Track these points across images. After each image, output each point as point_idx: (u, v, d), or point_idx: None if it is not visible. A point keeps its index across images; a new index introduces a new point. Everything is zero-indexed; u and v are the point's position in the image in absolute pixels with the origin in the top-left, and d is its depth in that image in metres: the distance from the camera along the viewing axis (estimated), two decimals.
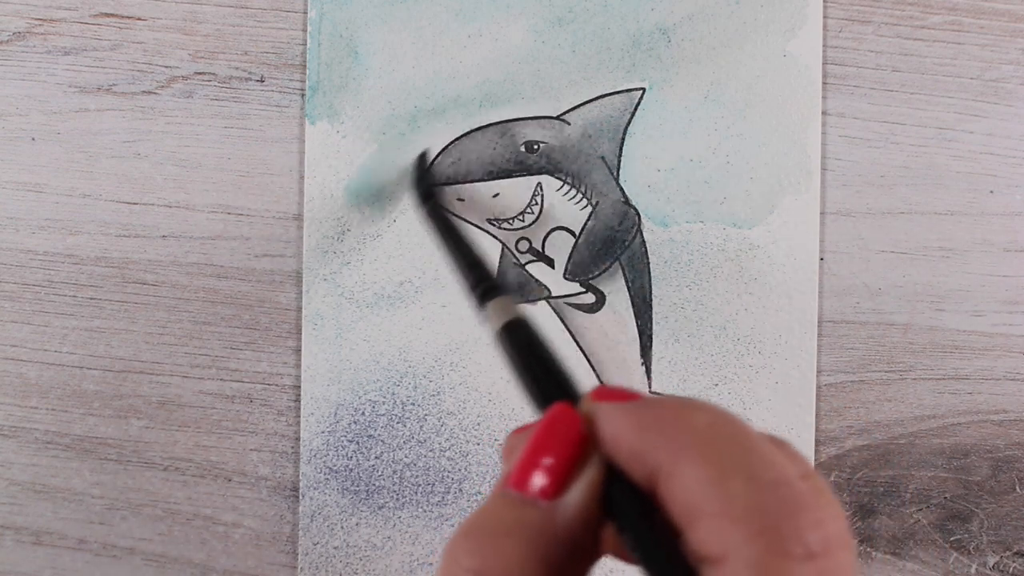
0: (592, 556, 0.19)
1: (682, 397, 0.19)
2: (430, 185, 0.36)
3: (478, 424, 0.37)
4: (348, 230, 0.37)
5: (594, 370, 0.37)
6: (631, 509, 0.18)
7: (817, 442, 0.37)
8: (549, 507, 0.18)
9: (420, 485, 0.37)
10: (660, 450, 0.18)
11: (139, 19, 0.37)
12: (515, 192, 0.37)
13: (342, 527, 0.37)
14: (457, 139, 0.37)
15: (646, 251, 0.37)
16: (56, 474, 0.38)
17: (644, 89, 0.37)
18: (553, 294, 0.37)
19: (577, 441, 0.19)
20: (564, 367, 0.22)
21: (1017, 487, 0.37)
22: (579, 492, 0.18)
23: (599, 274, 0.37)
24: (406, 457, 0.37)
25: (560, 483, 0.18)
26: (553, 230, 0.37)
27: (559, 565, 0.18)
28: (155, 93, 0.37)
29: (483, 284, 0.29)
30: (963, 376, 0.37)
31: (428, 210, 0.35)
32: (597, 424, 0.19)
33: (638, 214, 0.37)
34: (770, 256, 0.37)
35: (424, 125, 0.37)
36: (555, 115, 0.37)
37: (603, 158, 0.37)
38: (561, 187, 0.37)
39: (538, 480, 0.19)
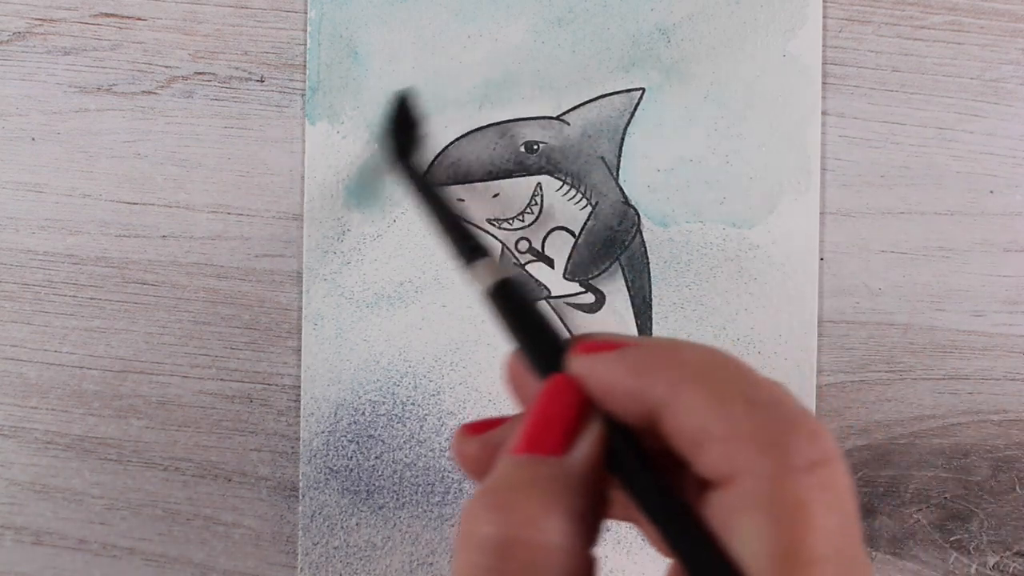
0: (601, 516, 0.19)
1: (667, 338, 0.20)
2: (410, 138, 0.35)
3: None
4: (348, 230, 0.37)
5: None
6: (631, 455, 0.19)
7: None
8: (560, 460, 0.19)
9: (420, 485, 0.37)
10: (657, 387, 0.18)
11: (139, 19, 0.37)
12: (515, 192, 0.37)
13: (342, 527, 0.37)
14: (457, 139, 0.37)
15: (646, 251, 0.37)
16: (56, 474, 0.38)
17: (644, 89, 0.37)
18: (553, 294, 0.37)
19: (576, 400, 0.20)
20: (553, 325, 0.23)
21: (1017, 487, 0.37)
22: (586, 443, 0.19)
23: (599, 274, 0.37)
24: (406, 457, 0.37)
25: (567, 439, 0.19)
26: (553, 230, 0.37)
27: (579, 517, 0.18)
28: (155, 93, 0.37)
29: (467, 244, 0.28)
30: (963, 376, 0.37)
31: (405, 169, 0.34)
32: (590, 378, 0.20)
33: (638, 214, 0.37)
34: (770, 256, 0.37)
35: (424, 125, 0.37)
36: (555, 115, 0.37)
37: (603, 158, 0.37)
38: (561, 187, 0.37)
39: (545, 439, 0.19)
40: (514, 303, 0.24)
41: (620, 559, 0.37)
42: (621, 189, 0.37)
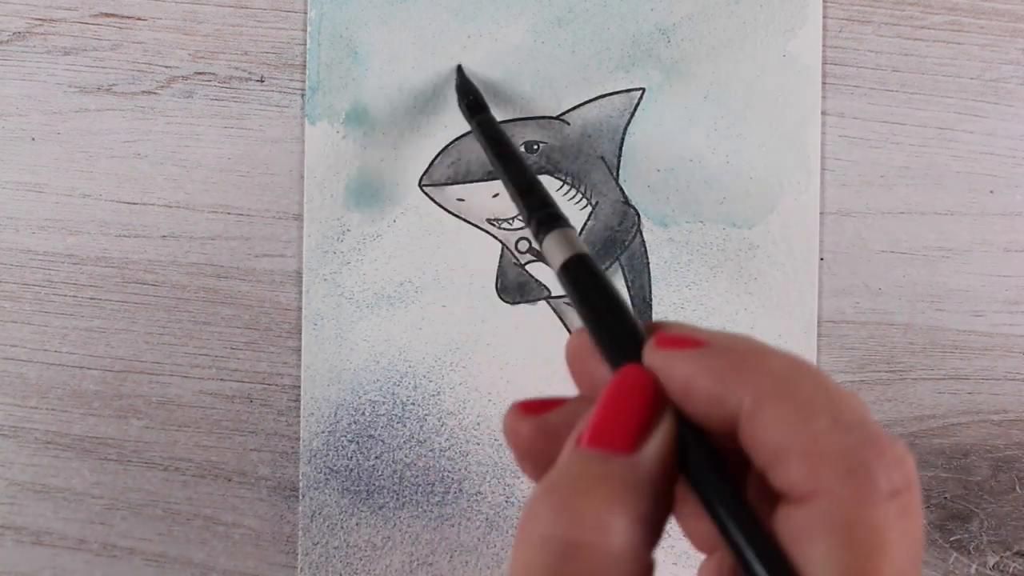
0: (665, 516, 0.19)
1: (750, 339, 0.19)
2: (474, 96, 0.34)
3: (478, 424, 0.37)
4: (348, 230, 0.37)
5: None
6: (703, 457, 0.18)
7: None
8: (630, 459, 0.18)
9: (420, 485, 0.37)
10: (740, 393, 0.18)
11: (139, 19, 0.37)
12: None
13: (342, 527, 0.37)
14: (457, 139, 0.37)
15: (646, 251, 0.37)
16: (56, 474, 0.38)
17: (644, 89, 0.37)
18: (553, 294, 0.37)
19: (651, 396, 0.19)
20: (629, 310, 0.21)
21: (1017, 487, 0.37)
22: (657, 442, 0.18)
23: None
24: (406, 457, 0.37)
25: (639, 437, 0.18)
26: None
27: (645, 520, 0.18)
28: (155, 93, 0.37)
29: (540, 212, 0.25)
30: (963, 376, 0.37)
31: (478, 123, 0.33)
32: (668, 374, 0.19)
33: (638, 214, 0.37)
34: (770, 256, 0.37)
35: (424, 125, 0.37)
36: (555, 115, 0.37)
37: (603, 158, 0.37)
38: (561, 187, 0.37)
39: (616, 436, 0.18)
40: (590, 281, 0.23)
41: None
42: (621, 189, 0.37)
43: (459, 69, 0.36)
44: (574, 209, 0.37)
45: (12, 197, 0.38)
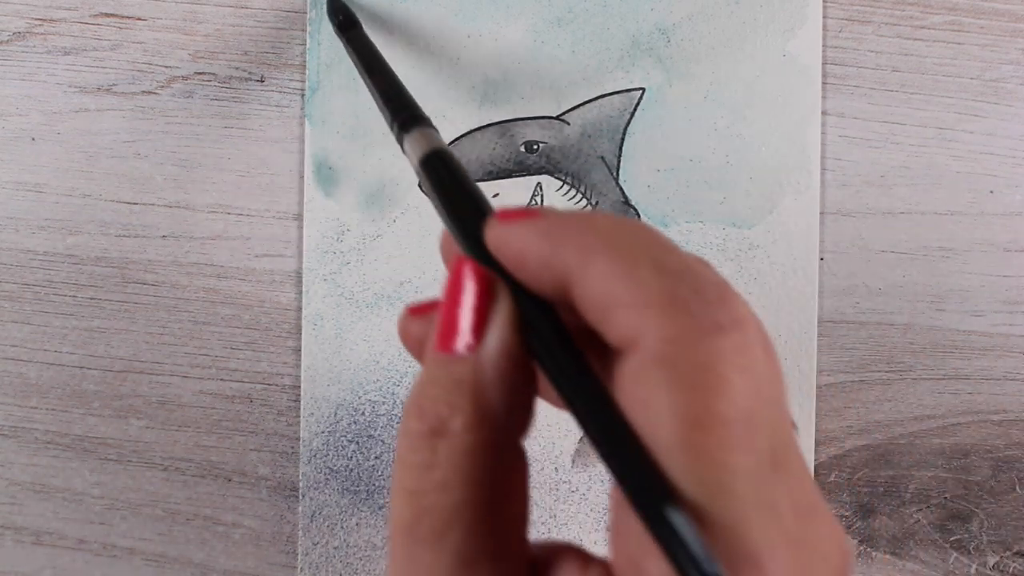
0: (530, 400, 0.19)
1: (588, 211, 0.19)
2: (344, 14, 0.35)
3: None
4: (348, 230, 0.37)
5: None
6: (539, 323, 0.19)
7: (817, 442, 0.37)
8: (469, 358, 0.19)
9: None
10: (568, 254, 0.18)
11: (139, 19, 0.37)
12: (515, 192, 0.37)
13: (342, 527, 0.37)
14: (457, 139, 0.37)
15: None
16: (56, 474, 0.38)
17: (644, 89, 0.37)
18: None
19: (483, 288, 0.19)
20: (484, 200, 0.21)
21: (1017, 487, 0.37)
22: (496, 330, 0.19)
23: None
24: None
25: (477, 333, 0.19)
26: None
27: (493, 413, 0.18)
28: (155, 93, 0.37)
29: (403, 114, 0.26)
30: (963, 376, 0.37)
31: (348, 39, 0.33)
32: (505, 249, 0.19)
33: (638, 214, 0.37)
34: (770, 256, 0.37)
35: None
36: (555, 115, 0.37)
37: (603, 158, 0.37)
38: (561, 187, 0.37)
39: (454, 336, 0.19)
40: (446, 175, 0.23)
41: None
42: (621, 189, 0.37)
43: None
44: (574, 209, 0.37)
45: (12, 197, 0.38)
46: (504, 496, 0.18)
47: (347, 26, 0.34)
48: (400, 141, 0.26)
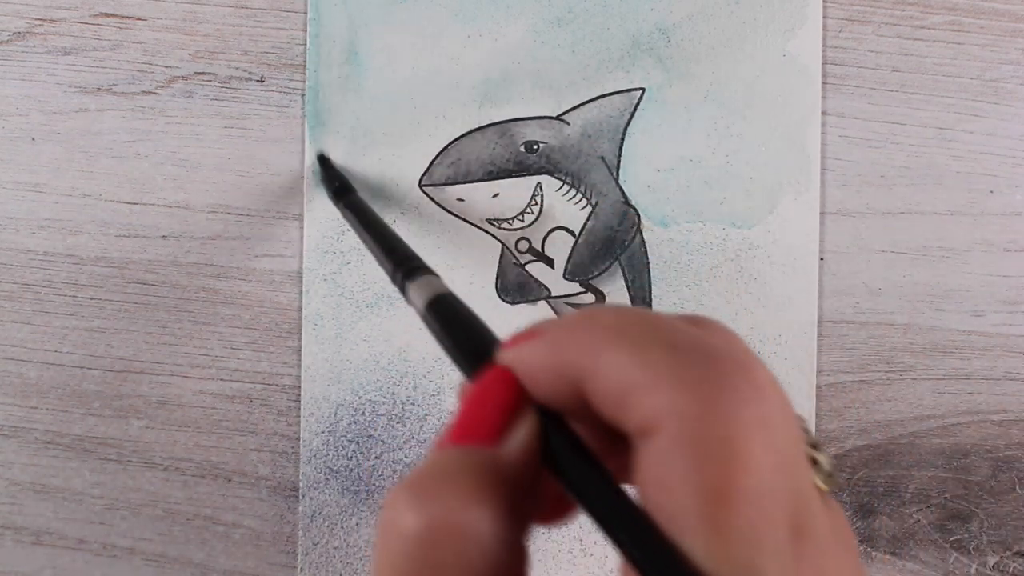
0: (533, 510, 0.19)
1: (586, 308, 0.19)
2: (339, 182, 0.36)
3: None
4: (348, 230, 0.37)
5: None
6: (564, 446, 0.18)
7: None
8: (493, 450, 0.18)
9: None
10: (578, 356, 0.18)
11: (139, 19, 0.37)
12: (515, 192, 0.37)
13: (342, 527, 0.37)
14: (457, 139, 0.37)
15: (646, 251, 0.37)
16: (56, 474, 0.38)
17: (644, 89, 0.37)
18: (553, 294, 0.37)
19: (512, 390, 0.19)
20: (492, 333, 0.22)
21: (1017, 487, 0.37)
22: (520, 435, 0.18)
23: (599, 274, 0.37)
24: (406, 457, 0.37)
25: (501, 430, 0.18)
26: (553, 230, 0.37)
27: (511, 510, 0.17)
28: (155, 93, 0.37)
29: (405, 266, 0.27)
30: (963, 376, 0.37)
31: (344, 205, 0.34)
32: (519, 369, 0.19)
33: (638, 214, 0.37)
34: (770, 256, 0.37)
35: (424, 125, 0.37)
36: (555, 115, 0.37)
37: (603, 158, 0.37)
38: (561, 187, 0.37)
39: (479, 430, 0.18)
40: (452, 316, 0.23)
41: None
42: (621, 189, 0.37)
43: (320, 159, 0.37)
44: (574, 209, 0.37)
45: (12, 197, 0.38)
46: None
47: (343, 192, 0.35)
48: (403, 291, 0.26)
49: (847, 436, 0.37)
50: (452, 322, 0.23)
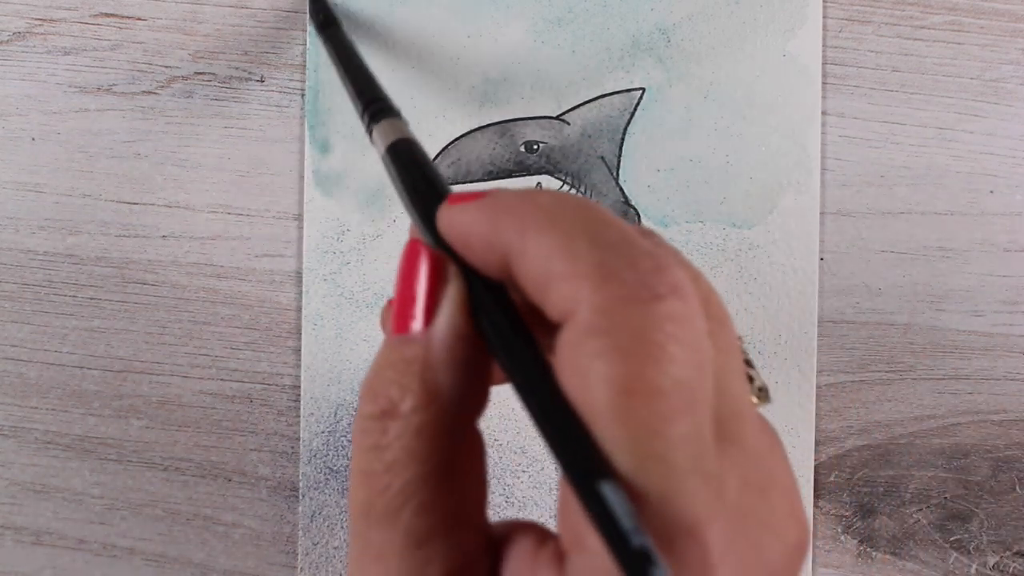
0: (485, 381, 0.19)
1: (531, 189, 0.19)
2: (325, 14, 0.35)
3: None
4: (348, 230, 0.37)
5: None
6: (488, 304, 0.19)
7: (817, 442, 0.37)
8: (425, 337, 0.19)
9: None
10: (507, 232, 0.18)
11: (139, 19, 0.37)
12: None
13: (342, 527, 0.37)
14: (457, 139, 0.37)
15: None
16: (56, 474, 0.38)
17: (644, 89, 0.37)
18: None
19: (435, 267, 0.19)
20: (445, 185, 0.22)
21: (1017, 487, 0.37)
22: (445, 311, 0.19)
23: None
24: None
25: (428, 314, 0.19)
26: None
27: (444, 392, 0.18)
28: (155, 93, 0.37)
29: (373, 106, 0.27)
30: (963, 376, 0.37)
31: (326, 39, 0.34)
32: (455, 230, 0.19)
33: (638, 214, 0.37)
34: (770, 256, 0.37)
35: (424, 125, 0.37)
36: (555, 115, 0.37)
37: (603, 158, 0.37)
38: (561, 187, 0.37)
39: (407, 318, 0.19)
40: (409, 161, 0.23)
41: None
42: (621, 189, 0.37)
43: None
44: None
45: (12, 197, 0.38)
46: (458, 476, 0.18)
47: (326, 24, 0.34)
48: (369, 132, 0.26)
49: (847, 436, 0.37)
50: (408, 168, 0.23)
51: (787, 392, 0.37)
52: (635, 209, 0.37)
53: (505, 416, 0.37)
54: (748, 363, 0.20)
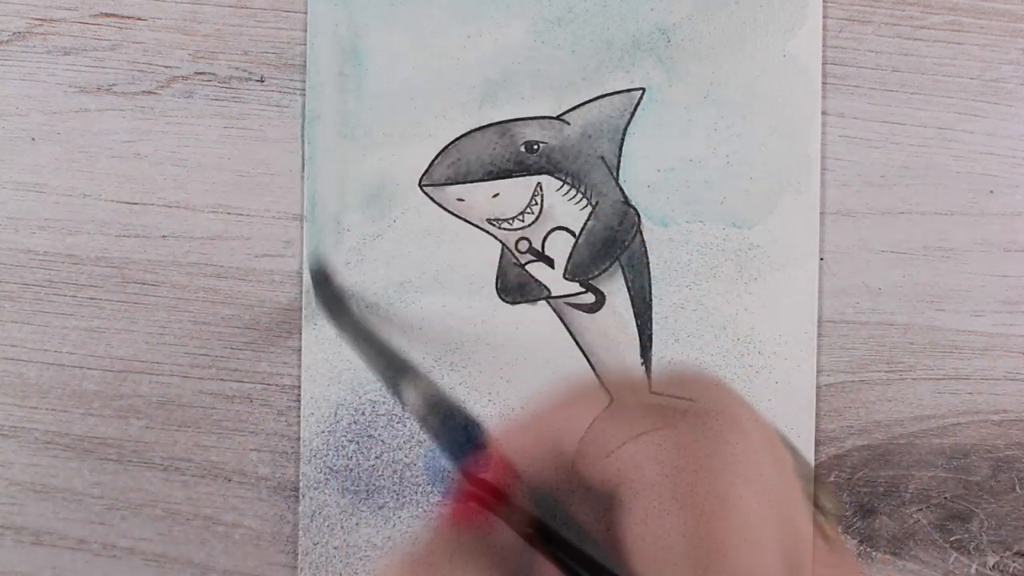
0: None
1: None
2: (339, 300, 0.36)
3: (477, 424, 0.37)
4: (348, 230, 0.37)
5: (594, 370, 0.37)
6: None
7: (817, 442, 0.37)
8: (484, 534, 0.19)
9: (420, 485, 0.37)
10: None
11: (139, 19, 0.37)
12: (515, 192, 0.37)
13: (342, 527, 0.37)
14: (457, 139, 0.37)
15: (646, 251, 0.37)
16: (56, 474, 0.38)
17: (644, 89, 0.37)
18: (553, 294, 0.37)
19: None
20: (484, 435, 0.23)
21: (1017, 487, 0.37)
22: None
23: (599, 274, 0.37)
24: (406, 457, 0.37)
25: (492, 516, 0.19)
26: (553, 230, 0.37)
27: None
28: (155, 93, 0.37)
29: (406, 374, 0.29)
30: (963, 376, 0.37)
31: (342, 325, 0.36)
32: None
33: (638, 214, 0.37)
34: (770, 256, 0.37)
35: (424, 125, 0.37)
36: (555, 115, 0.37)
37: (603, 158, 0.37)
38: (561, 187, 0.37)
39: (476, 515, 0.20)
40: (447, 415, 0.25)
41: None
42: (621, 189, 0.37)
43: (318, 274, 0.37)
44: (574, 209, 0.37)
45: (12, 197, 0.38)
46: None
47: (341, 314, 0.36)
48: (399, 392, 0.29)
49: (847, 436, 0.37)
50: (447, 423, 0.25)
51: (787, 392, 0.37)
52: (635, 209, 0.37)
53: (505, 416, 0.37)
54: (815, 480, 0.20)
